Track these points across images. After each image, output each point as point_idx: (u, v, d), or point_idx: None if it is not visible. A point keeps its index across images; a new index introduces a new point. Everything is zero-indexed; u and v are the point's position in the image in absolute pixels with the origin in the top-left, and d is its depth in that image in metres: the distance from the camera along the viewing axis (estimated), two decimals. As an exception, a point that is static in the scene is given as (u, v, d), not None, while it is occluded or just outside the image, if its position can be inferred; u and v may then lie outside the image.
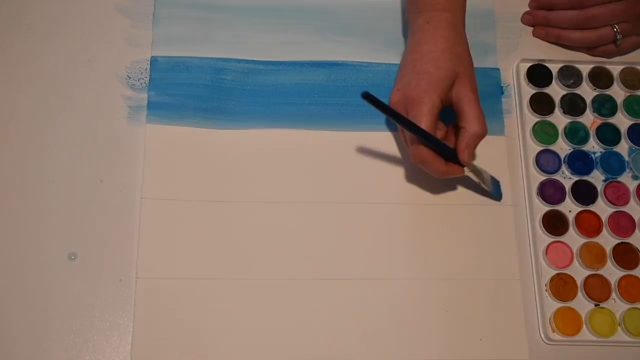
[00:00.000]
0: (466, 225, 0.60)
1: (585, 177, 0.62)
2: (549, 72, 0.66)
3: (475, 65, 0.57)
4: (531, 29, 0.68)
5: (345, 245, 0.58)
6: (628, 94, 0.65)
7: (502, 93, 0.65)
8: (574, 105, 0.65)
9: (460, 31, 0.58)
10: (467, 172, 0.57)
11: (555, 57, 0.66)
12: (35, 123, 0.60)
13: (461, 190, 0.61)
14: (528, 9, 0.68)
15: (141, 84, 0.62)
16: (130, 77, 0.62)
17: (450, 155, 0.55)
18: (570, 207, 0.61)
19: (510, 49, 0.67)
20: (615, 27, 0.63)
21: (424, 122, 0.53)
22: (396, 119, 0.52)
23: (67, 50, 0.62)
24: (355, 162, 0.61)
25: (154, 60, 0.63)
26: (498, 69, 0.66)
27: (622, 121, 0.64)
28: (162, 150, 0.59)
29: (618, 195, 0.62)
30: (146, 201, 0.58)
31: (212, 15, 0.65)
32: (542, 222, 0.60)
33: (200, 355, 0.54)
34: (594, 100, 0.65)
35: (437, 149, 0.54)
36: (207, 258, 0.57)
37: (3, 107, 0.60)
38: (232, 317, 0.55)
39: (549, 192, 0.61)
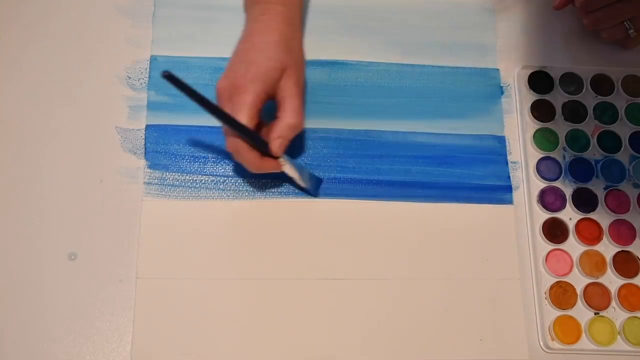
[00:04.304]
0: (466, 225, 0.60)
1: (586, 185, 0.62)
2: (551, 78, 0.65)
3: (475, 65, 0.57)
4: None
5: (345, 246, 0.58)
6: (630, 102, 0.65)
7: (502, 93, 0.65)
8: (575, 112, 0.64)
9: (296, 26, 0.57)
10: (285, 168, 0.55)
11: (556, 64, 0.66)
12: (35, 123, 0.59)
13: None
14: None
15: (141, 84, 0.62)
16: (130, 77, 0.62)
17: (263, 148, 0.53)
18: (570, 215, 0.61)
19: (510, 49, 0.67)
20: (626, 24, 0.63)
21: (245, 111, 0.51)
22: (203, 105, 0.49)
23: (67, 50, 0.62)
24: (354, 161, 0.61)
25: (153, 60, 0.63)
26: (498, 69, 0.65)
27: (623, 129, 0.64)
28: (162, 150, 0.59)
29: (619, 203, 0.61)
30: (146, 202, 0.58)
31: (212, 15, 0.65)
32: (542, 229, 0.60)
33: (200, 355, 0.54)
34: (595, 108, 0.64)
35: (250, 140, 0.52)
36: (207, 258, 0.57)
37: (2, 107, 0.60)
38: (232, 317, 0.55)
39: (550, 199, 0.61)
